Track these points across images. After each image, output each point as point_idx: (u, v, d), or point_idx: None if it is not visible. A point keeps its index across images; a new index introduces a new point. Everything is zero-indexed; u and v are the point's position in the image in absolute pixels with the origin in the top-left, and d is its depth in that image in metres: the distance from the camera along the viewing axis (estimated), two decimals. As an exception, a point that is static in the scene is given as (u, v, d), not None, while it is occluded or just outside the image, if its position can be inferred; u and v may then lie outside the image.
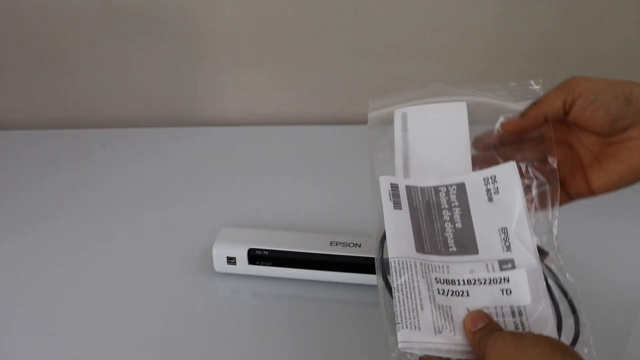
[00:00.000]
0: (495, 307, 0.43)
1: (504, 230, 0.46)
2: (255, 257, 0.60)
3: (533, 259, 0.44)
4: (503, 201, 0.47)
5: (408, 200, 0.48)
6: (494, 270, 0.45)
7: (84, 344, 0.55)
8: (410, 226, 0.47)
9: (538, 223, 0.47)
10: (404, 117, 0.51)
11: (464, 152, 0.49)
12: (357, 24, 0.86)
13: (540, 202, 0.47)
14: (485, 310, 0.43)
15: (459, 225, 0.47)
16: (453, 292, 0.45)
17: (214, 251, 0.60)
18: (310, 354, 0.53)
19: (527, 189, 0.47)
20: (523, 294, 0.43)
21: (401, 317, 0.44)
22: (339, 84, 0.91)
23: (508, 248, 0.45)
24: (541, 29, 0.85)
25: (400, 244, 0.46)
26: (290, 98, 0.92)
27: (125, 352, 0.54)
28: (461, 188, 0.48)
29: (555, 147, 0.47)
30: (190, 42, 0.88)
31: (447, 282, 0.45)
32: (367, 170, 0.50)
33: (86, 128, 0.93)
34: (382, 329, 0.55)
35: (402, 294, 0.44)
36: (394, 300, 0.44)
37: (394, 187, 0.48)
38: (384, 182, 0.48)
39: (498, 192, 0.47)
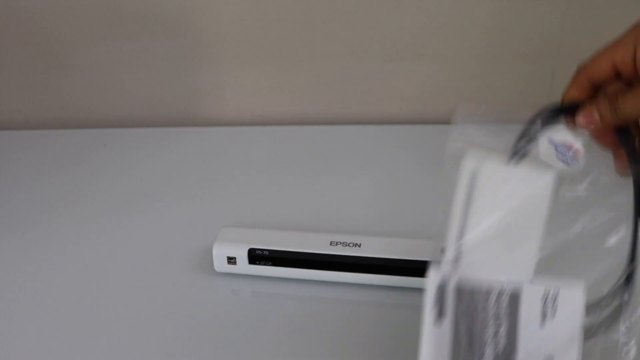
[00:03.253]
0: None
1: None
2: (256, 257, 0.60)
3: None
4: (557, 328, 0.40)
5: (454, 306, 0.42)
6: None
7: (83, 343, 0.55)
8: (450, 342, 0.41)
9: None
10: (474, 173, 0.42)
11: (533, 241, 0.41)
12: (357, 24, 0.86)
13: None
14: None
15: (502, 342, 0.41)
16: None
17: (214, 251, 0.60)
18: (310, 354, 0.53)
19: None
20: None
21: None
22: (339, 84, 0.91)
23: None
24: (541, 29, 0.85)
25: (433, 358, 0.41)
26: (290, 98, 0.92)
27: (125, 352, 0.54)
28: (515, 299, 0.41)
29: None
30: (190, 42, 0.88)
31: None
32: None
33: (86, 128, 0.93)
34: (382, 329, 0.55)
35: None
36: None
37: (442, 286, 0.42)
38: (433, 278, 0.42)
39: (554, 317, 0.40)
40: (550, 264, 0.41)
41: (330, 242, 0.59)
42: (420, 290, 0.57)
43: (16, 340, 0.56)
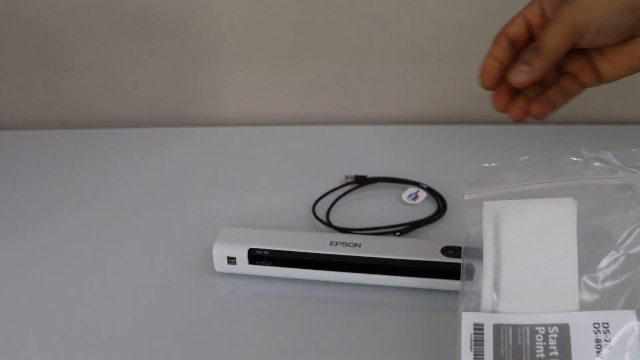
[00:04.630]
0: None
1: None
2: (256, 257, 0.60)
3: None
4: (614, 358, 0.37)
5: (494, 347, 0.39)
6: None
7: (83, 344, 0.55)
8: None
9: None
10: (497, 219, 0.42)
11: (570, 270, 0.39)
12: (357, 24, 0.86)
13: None
14: None
15: None
16: None
17: (214, 251, 0.60)
18: (310, 354, 0.53)
19: None
20: None
21: None
22: (339, 84, 0.91)
23: None
24: (541, 29, 0.85)
25: None
26: (290, 98, 0.92)
27: (125, 352, 0.54)
28: (564, 331, 0.38)
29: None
30: (190, 42, 0.88)
31: None
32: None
33: (86, 128, 0.93)
34: (382, 329, 0.55)
35: None
36: None
37: (478, 328, 0.40)
38: (467, 323, 0.40)
39: (610, 345, 0.37)
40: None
41: (330, 242, 0.59)
42: (420, 290, 0.58)
43: (16, 340, 0.56)
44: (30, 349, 0.55)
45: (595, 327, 0.38)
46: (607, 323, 0.38)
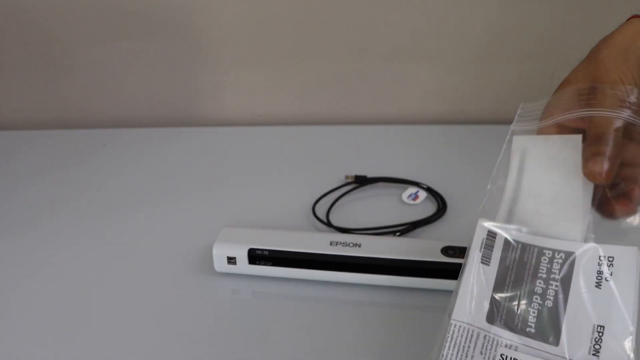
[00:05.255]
0: None
1: (600, 330, 0.38)
2: (256, 257, 0.60)
3: None
4: (612, 293, 0.39)
5: (501, 256, 0.41)
6: None
7: (83, 344, 0.55)
8: (492, 288, 0.41)
9: None
10: (524, 152, 0.43)
11: (578, 204, 0.41)
12: (357, 24, 0.86)
13: None
14: None
15: (549, 303, 0.40)
16: None
17: (214, 251, 0.60)
18: (310, 354, 0.53)
19: None
20: None
21: None
22: (339, 84, 0.91)
23: (596, 352, 0.38)
24: (541, 29, 0.85)
25: (470, 306, 0.41)
26: (290, 98, 0.92)
27: (125, 352, 0.54)
28: (570, 259, 0.40)
29: None
30: (190, 42, 0.88)
31: None
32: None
33: (86, 128, 0.93)
34: (382, 329, 0.55)
35: None
36: None
37: (491, 235, 0.42)
38: (481, 228, 0.42)
39: (610, 279, 0.39)
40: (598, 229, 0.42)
41: (330, 242, 0.59)
42: (420, 290, 0.58)
43: (17, 339, 0.56)
44: (30, 348, 0.55)
45: (600, 260, 0.39)
46: (612, 257, 0.39)
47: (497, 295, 0.41)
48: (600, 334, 0.38)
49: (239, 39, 0.88)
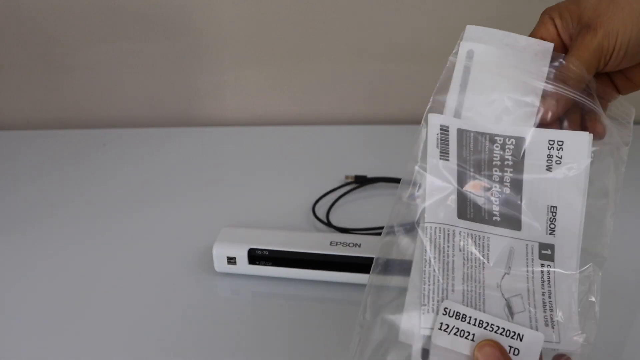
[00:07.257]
0: (529, 296, 0.39)
1: (553, 210, 0.40)
2: (256, 257, 0.60)
3: (573, 261, 0.39)
4: (562, 176, 0.39)
5: (457, 149, 0.41)
6: (532, 254, 0.40)
7: (83, 344, 0.55)
8: (456, 183, 0.41)
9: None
10: (475, 46, 0.43)
11: (533, 98, 0.40)
12: (357, 24, 0.86)
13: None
14: (518, 298, 0.39)
15: (507, 190, 0.40)
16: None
17: (214, 251, 0.60)
18: (310, 354, 0.53)
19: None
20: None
21: (427, 297, 0.40)
22: (339, 84, 0.91)
23: (552, 231, 0.40)
24: (541, 29, 0.85)
25: (440, 206, 0.41)
26: (290, 98, 0.92)
27: (125, 352, 0.54)
28: (520, 144, 0.40)
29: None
30: (190, 42, 0.88)
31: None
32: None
33: (86, 128, 0.93)
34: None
35: (434, 270, 0.40)
36: (423, 275, 0.40)
37: (444, 130, 0.41)
38: (433, 123, 0.41)
39: (560, 162, 0.39)
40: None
41: (330, 242, 0.59)
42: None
43: (17, 339, 0.56)
44: (30, 348, 0.55)
45: (549, 144, 0.40)
46: (561, 141, 0.39)
47: (462, 189, 0.41)
48: (554, 214, 0.40)
49: (239, 39, 0.88)
